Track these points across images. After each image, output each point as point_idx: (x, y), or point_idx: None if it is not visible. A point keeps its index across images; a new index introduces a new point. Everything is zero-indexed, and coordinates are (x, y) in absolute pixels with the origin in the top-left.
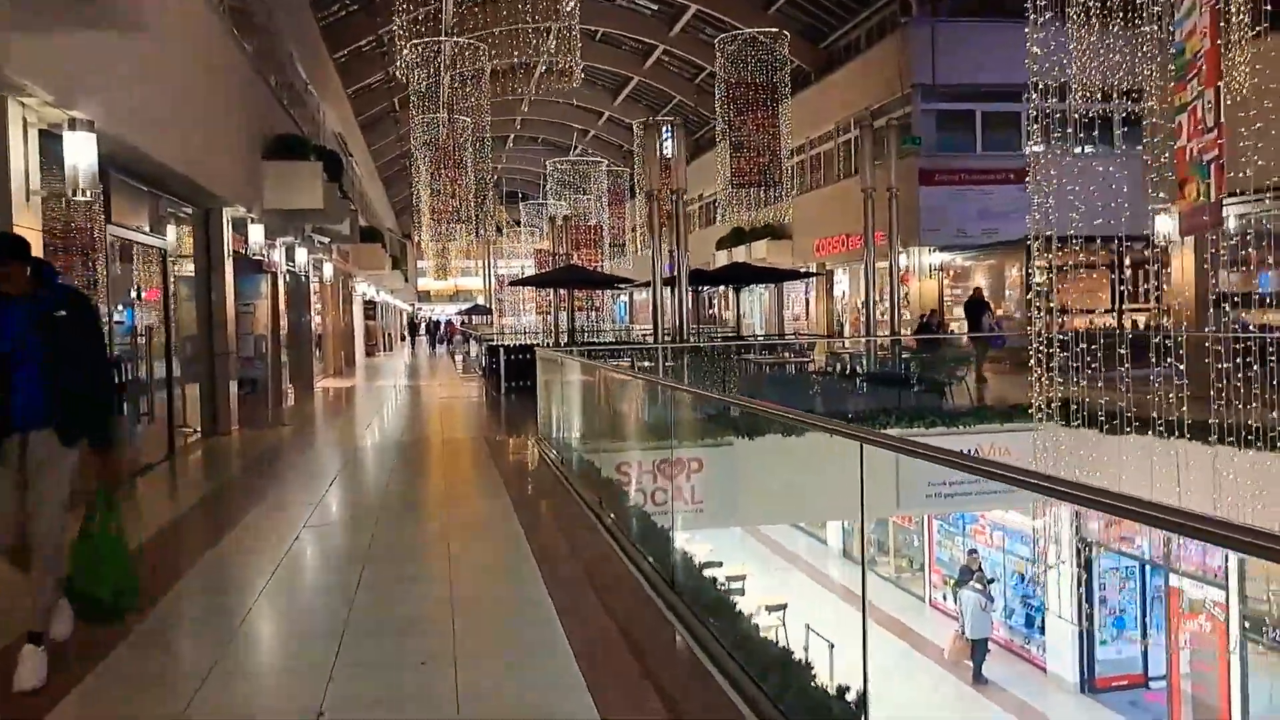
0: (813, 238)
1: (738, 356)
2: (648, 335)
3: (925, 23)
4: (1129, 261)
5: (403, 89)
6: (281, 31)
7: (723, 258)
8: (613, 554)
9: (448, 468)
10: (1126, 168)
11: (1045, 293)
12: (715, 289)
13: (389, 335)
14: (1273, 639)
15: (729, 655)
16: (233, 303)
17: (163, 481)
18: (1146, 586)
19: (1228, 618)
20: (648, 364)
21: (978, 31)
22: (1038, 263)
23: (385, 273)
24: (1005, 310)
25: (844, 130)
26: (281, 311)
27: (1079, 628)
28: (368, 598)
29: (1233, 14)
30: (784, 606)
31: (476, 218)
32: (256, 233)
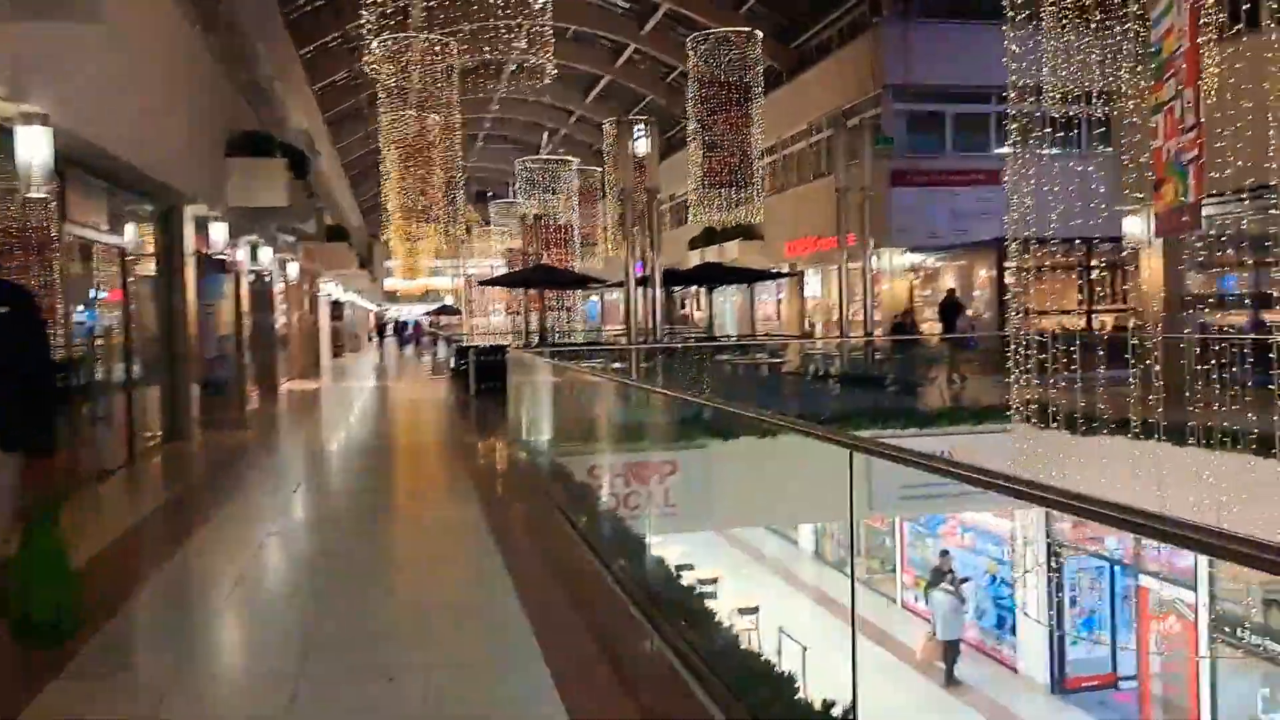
0: (783, 239)
1: (710, 358)
2: (619, 336)
3: (897, 23)
4: (1097, 262)
5: (370, 86)
6: (246, 25)
7: (695, 258)
8: (585, 559)
9: (416, 472)
10: (1101, 169)
11: (1020, 293)
12: (687, 289)
13: (356, 336)
14: (1240, 639)
15: (704, 663)
16: (195, 303)
17: (121, 488)
18: (1115, 587)
19: (1196, 618)
20: (619, 365)
21: (949, 33)
22: (1015, 264)
23: (352, 272)
24: (975, 311)
25: (816, 130)
26: (245, 312)
27: (1049, 628)
28: (332, 609)
29: (1212, 13)
30: (756, 610)
31: (446, 216)
32: (219, 231)
